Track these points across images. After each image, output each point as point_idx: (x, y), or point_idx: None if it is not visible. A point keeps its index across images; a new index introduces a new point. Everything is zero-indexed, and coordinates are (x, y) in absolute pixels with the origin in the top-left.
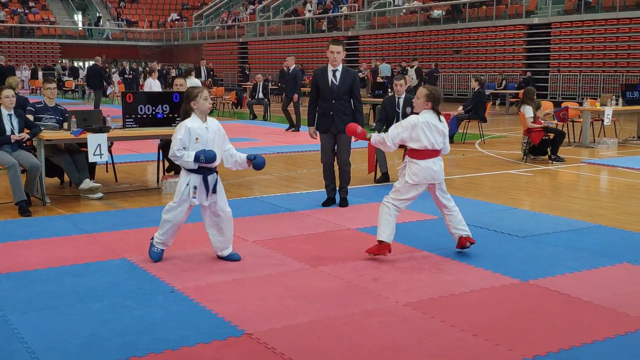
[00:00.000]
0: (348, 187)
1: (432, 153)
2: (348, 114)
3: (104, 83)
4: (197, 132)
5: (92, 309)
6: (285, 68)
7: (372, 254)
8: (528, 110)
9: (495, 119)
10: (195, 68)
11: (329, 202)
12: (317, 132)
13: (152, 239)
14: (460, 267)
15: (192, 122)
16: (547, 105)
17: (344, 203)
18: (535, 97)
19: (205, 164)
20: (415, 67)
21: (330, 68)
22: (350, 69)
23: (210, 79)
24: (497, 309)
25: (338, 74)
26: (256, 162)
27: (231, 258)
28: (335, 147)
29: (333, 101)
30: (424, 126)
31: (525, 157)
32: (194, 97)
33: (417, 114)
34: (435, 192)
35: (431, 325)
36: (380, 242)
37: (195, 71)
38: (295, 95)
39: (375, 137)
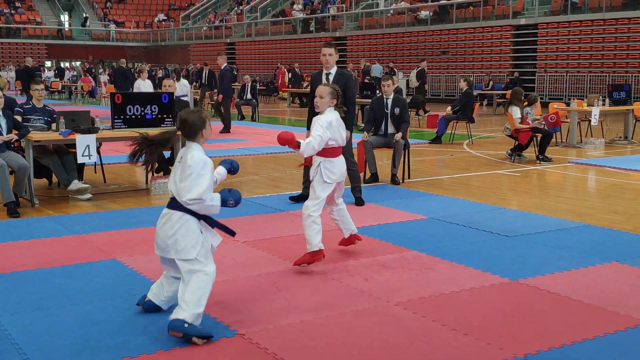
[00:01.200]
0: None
1: (340, 150)
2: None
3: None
4: None
5: (82, 309)
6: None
7: (305, 264)
8: (515, 111)
9: (483, 120)
10: (180, 70)
11: (300, 198)
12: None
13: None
14: (451, 266)
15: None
16: (536, 111)
17: (359, 202)
18: (522, 97)
19: (233, 206)
20: (419, 69)
21: (324, 71)
22: (344, 72)
23: (215, 89)
24: (488, 308)
25: (331, 77)
26: (234, 171)
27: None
28: None
29: None
30: (337, 124)
31: (512, 157)
32: (202, 125)
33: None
34: (337, 188)
35: (422, 325)
36: (313, 251)
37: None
38: (220, 96)
39: (303, 146)
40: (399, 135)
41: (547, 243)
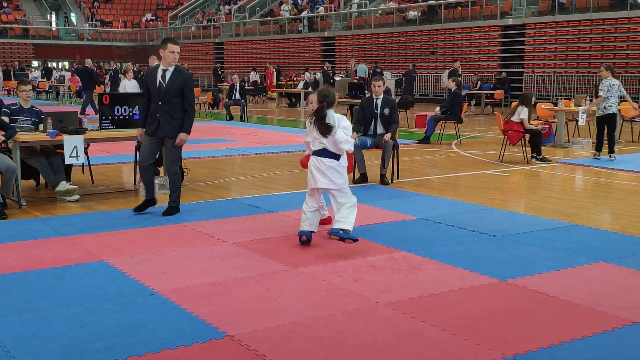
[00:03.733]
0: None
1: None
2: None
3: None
4: None
5: (71, 312)
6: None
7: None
8: (525, 112)
9: (471, 120)
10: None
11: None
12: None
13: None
14: (439, 267)
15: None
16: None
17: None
18: (532, 100)
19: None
20: (452, 69)
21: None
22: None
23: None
24: (477, 308)
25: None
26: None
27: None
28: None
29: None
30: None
31: (537, 159)
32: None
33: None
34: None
35: (411, 325)
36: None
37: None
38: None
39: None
40: (388, 136)
41: (536, 243)
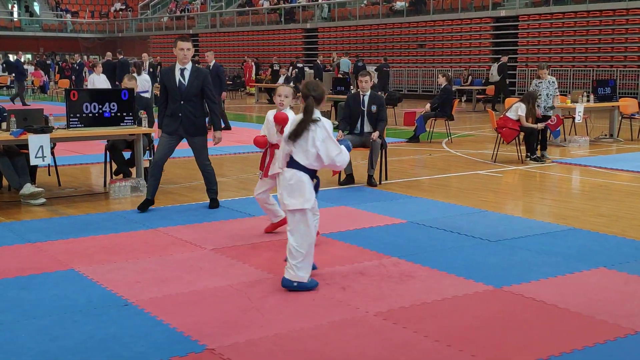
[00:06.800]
0: None
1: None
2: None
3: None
4: None
5: (39, 324)
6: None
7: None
8: (523, 109)
9: (462, 117)
10: (141, 63)
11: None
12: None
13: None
14: (431, 273)
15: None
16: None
17: (214, 204)
18: (535, 101)
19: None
20: (500, 63)
21: (177, 66)
22: (200, 68)
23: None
24: (472, 317)
25: (187, 72)
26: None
27: None
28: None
29: None
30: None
31: (532, 158)
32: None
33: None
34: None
35: (403, 336)
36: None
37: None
38: (224, 94)
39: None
40: (375, 135)
41: (532, 248)
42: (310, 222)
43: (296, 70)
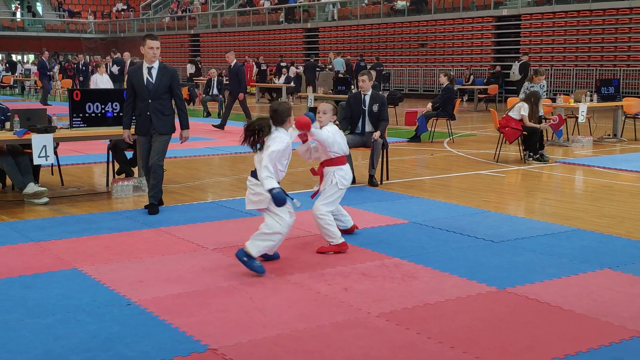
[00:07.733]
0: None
1: (345, 158)
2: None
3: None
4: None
5: (43, 323)
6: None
7: (332, 252)
8: (526, 109)
9: (464, 117)
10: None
11: None
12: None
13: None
14: (434, 274)
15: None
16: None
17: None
18: (539, 102)
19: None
20: (522, 62)
21: (145, 64)
22: (168, 67)
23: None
24: (475, 319)
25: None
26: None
27: None
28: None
29: None
30: (343, 135)
31: (531, 157)
32: (289, 113)
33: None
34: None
35: (406, 338)
36: (337, 245)
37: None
38: (241, 94)
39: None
40: (377, 134)
41: (536, 249)
42: (286, 219)
43: (298, 70)
